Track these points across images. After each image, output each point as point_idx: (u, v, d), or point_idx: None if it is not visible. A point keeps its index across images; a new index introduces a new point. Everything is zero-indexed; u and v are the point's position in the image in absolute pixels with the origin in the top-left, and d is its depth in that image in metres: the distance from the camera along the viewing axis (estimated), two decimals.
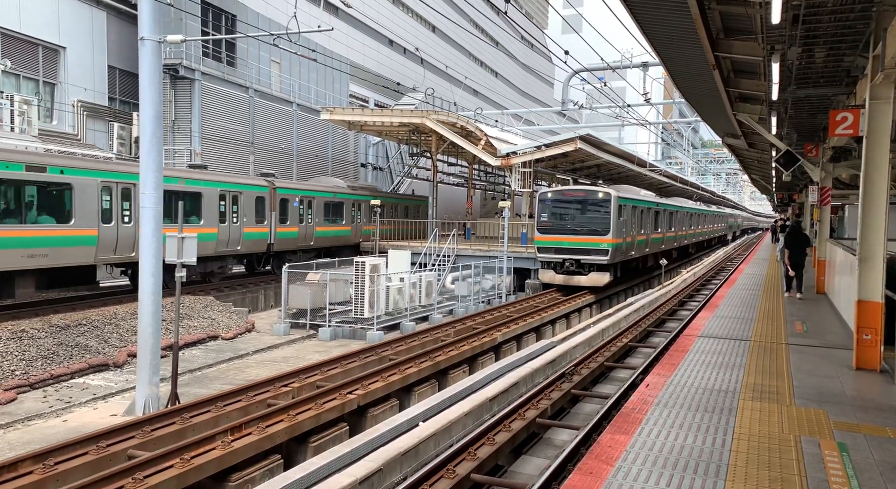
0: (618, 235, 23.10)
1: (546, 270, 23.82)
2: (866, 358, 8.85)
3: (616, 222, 22.83)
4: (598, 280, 22.86)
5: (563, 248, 23.16)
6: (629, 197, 24.96)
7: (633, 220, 25.14)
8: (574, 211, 23.46)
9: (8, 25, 21.97)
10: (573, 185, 27.89)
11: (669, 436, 6.16)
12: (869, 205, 8.64)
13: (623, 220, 23.65)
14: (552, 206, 23.70)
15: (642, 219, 26.80)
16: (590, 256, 22.83)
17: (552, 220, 23.61)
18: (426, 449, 7.68)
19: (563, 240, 23.15)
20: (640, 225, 26.58)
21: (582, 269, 23.09)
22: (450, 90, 48.79)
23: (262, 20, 31.36)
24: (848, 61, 10.03)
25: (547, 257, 23.69)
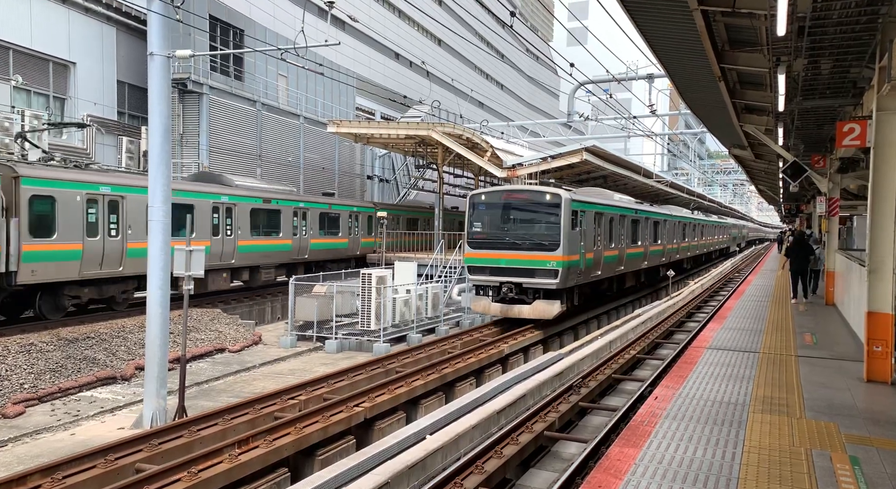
0: (572, 250, 17.35)
1: (479, 298, 18.13)
2: (877, 370, 8.78)
3: (569, 233, 17.15)
4: (545, 311, 17.11)
5: (500, 268, 17.42)
6: (590, 201, 19.43)
7: (598, 231, 19.78)
8: (514, 218, 17.88)
9: (20, 42, 22.27)
10: (513, 185, 21.43)
11: (679, 449, 6.11)
12: (877, 215, 8.60)
13: (581, 230, 18.09)
14: (486, 212, 18.13)
15: (613, 229, 21.39)
16: (534, 279, 17.04)
17: (486, 229, 18.03)
18: (433, 462, 7.64)
19: (500, 256, 17.42)
20: (610, 237, 21.11)
21: (525, 296, 17.41)
22: (456, 102, 49.02)
23: (270, 35, 31.67)
24: (854, 72, 10.03)
25: (480, 279, 17.91)
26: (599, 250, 19.99)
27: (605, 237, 20.60)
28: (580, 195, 19.32)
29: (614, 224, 21.63)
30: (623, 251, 22.67)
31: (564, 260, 16.99)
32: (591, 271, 19.36)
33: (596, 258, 19.66)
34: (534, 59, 74.75)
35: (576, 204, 17.92)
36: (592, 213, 19.29)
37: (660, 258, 28.78)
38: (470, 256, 18.04)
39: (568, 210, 17.27)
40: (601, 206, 20.38)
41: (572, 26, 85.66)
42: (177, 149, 27.05)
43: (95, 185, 16.04)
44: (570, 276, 17.40)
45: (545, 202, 17.45)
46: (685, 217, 35.31)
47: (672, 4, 7.86)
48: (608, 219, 20.90)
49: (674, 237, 31.63)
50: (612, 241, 21.41)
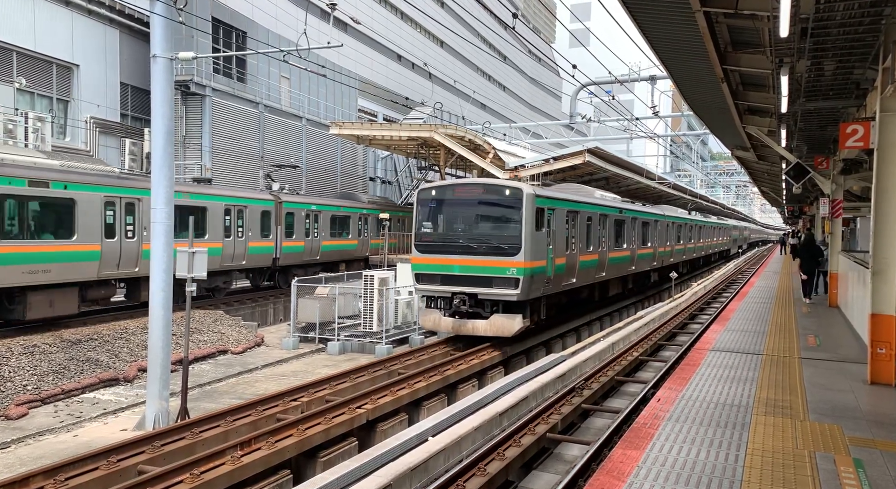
0: (536, 255, 14.83)
1: (429, 311, 15.67)
2: (881, 372, 8.75)
3: (532, 235, 14.65)
4: (504, 326, 14.64)
5: (452, 277, 14.98)
6: (561, 197, 16.90)
7: (572, 233, 17.40)
8: (468, 217, 15.38)
9: (23, 44, 22.33)
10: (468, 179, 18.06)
11: (682, 451, 6.09)
12: (881, 217, 8.58)
13: (549, 231, 15.67)
14: (437, 210, 15.68)
15: (591, 230, 19.02)
16: (491, 289, 14.61)
17: (436, 231, 15.62)
18: (436, 464, 7.63)
19: (452, 262, 14.96)
20: (588, 239, 18.71)
21: (481, 309, 14.97)
22: (458, 104, 49.06)
23: (272, 37, 31.72)
24: (857, 74, 10.01)
25: (429, 290, 15.44)
26: (574, 254, 17.50)
27: (581, 239, 18.03)
28: (549, 190, 16.75)
29: (593, 224, 19.19)
30: (604, 255, 20.20)
31: (527, 266, 14.44)
32: (563, 279, 16.81)
33: (569, 264, 17.10)
34: (536, 61, 74.77)
35: (542, 200, 15.28)
36: (564, 211, 16.80)
37: (650, 262, 26.36)
38: (418, 262, 15.51)
39: (531, 207, 14.65)
40: (576, 203, 17.80)
41: (574, 28, 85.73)
42: (179, 151, 27.10)
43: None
44: (534, 286, 14.90)
45: (503, 198, 14.85)
46: (680, 217, 33.07)
47: (674, 6, 7.86)
48: (585, 218, 18.46)
49: (667, 239, 29.25)
50: (591, 243, 18.93)
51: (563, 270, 16.77)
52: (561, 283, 16.74)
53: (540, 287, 15.37)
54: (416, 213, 15.80)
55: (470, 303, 15.01)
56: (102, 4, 24.88)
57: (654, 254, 26.67)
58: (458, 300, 15.01)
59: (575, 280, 17.72)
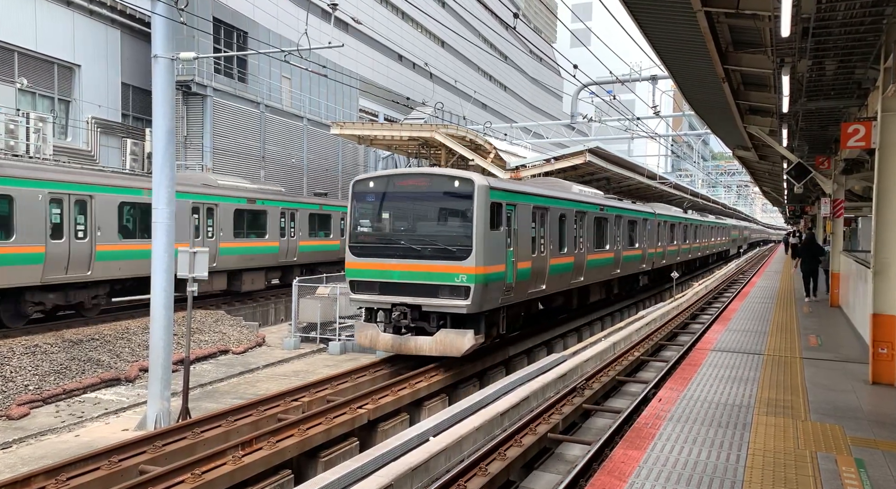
0: (492, 258, 12.70)
1: (366, 325, 13.35)
2: (882, 372, 8.74)
3: (486, 235, 12.48)
4: (452, 345, 12.39)
5: (392, 285, 12.82)
6: (524, 191, 14.52)
7: (540, 232, 15.28)
8: (411, 214, 13.28)
9: (24, 44, 22.36)
10: (411, 169, 15.74)
11: (683, 451, 6.09)
12: (882, 217, 8.57)
13: (510, 230, 13.50)
14: (374, 206, 13.53)
15: (565, 230, 16.70)
16: (436, 299, 12.45)
17: (374, 230, 13.51)
18: (436, 464, 7.63)
19: (392, 267, 12.81)
20: (561, 240, 16.47)
21: (426, 323, 12.75)
22: (459, 104, 49.06)
23: (273, 37, 31.74)
24: (859, 73, 10.01)
25: (366, 300, 13.21)
26: (543, 258, 15.26)
27: (552, 240, 15.78)
28: (509, 183, 14.55)
29: (567, 223, 16.85)
30: (582, 258, 17.89)
31: (479, 272, 12.21)
32: (530, 286, 14.59)
33: (537, 268, 14.88)
34: (537, 61, 74.76)
35: (499, 194, 13.10)
36: (529, 207, 14.48)
37: (638, 265, 24.18)
38: (353, 267, 13.22)
39: (485, 202, 12.48)
40: (544, 198, 15.43)
41: (575, 28, 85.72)
42: (181, 151, 27.13)
43: None
44: (489, 295, 12.64)
45: (452, 191, 12.72)
46: (674, 216, 30.80)
47: (675, 5, 7.85)
48: (557, 216, 16.15)
49: (658, 240, 27.12)
50: (564, 244, 16.64)
51: (529, 276, 14.36)
52: (526, 291, 14.37)
53: (497, 296, 13.01)
54: (351, 209, 13.61)
55: (413, 317, 12.62)
56: (104, 5, 24.90)
57: (642, 255, 24.45)
58: (398, 312, 12.59)
59: (545, 286, 15.39)
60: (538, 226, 15.30)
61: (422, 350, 12.69)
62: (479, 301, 12.37)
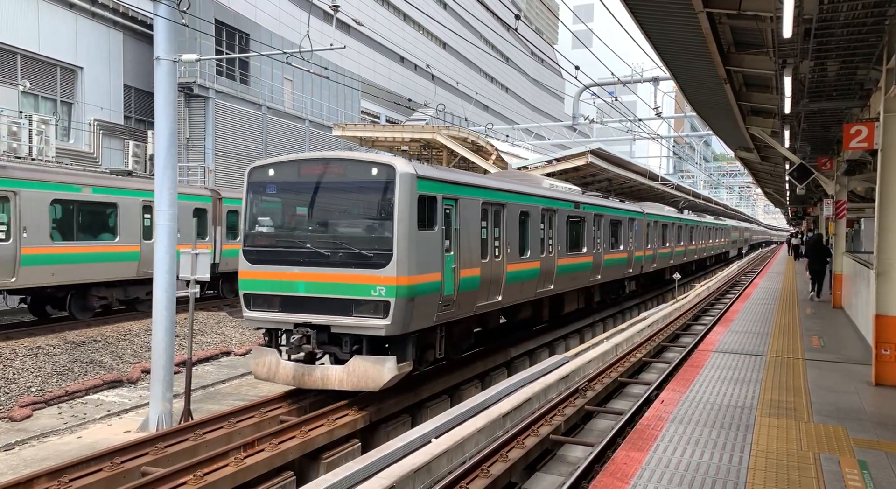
0: (422, 265, 10.15)
1: (264, 351, 10.55)
2: (886, 373, 8.72)
3: (412, 236, 9.96)
4: (368, 375, 9.78)
5: (295, 300, 10.22)
6: (468, 183, 11.87)
7: (494, 233, 12.77)
8: (318, 209, 10.66)
9: (27, 47, 22.42)
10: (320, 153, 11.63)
11: (685, 453, 6.08)
12: (885, 218, 8.56)
13: (447, 230, 10.91)
14: (274, 200, 11.07)
15: (528, 230, 14.23)
16: (348, 318, 9.93)
17: (274, 231, 10.98)
18: (439, 466, 7.63)
19: (296, 277, 10.23)
20: (524, 242, 14.02)
21: (337, 348, 10.20)
22: (461, 106, 49.09)
23: (275, 38, 31.80)
24: (861, 74, 10.00)
25: (265, 319, 10.51)
26: (498, 264, 12.73)
27: (511, 242, 13.26)
28: (447, 173, 11.59)
29: (531, 222, 14.34)
30: (551, 263, 15.38)
31: (402, 283, 9.66)
32: (480, 297, 12.02)
33: (489, 276, 12.32)
34: (539, 62, 74.79)
35: (431, 186, 10.42)
36: (478, 203, 11.91)
37: (623, 269, 21.88)
38: (248, 277, 10.51)
39: (410, 195, 9.86)
40: (498, 192, 12.85)
41: (577, 29, 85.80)
42: (183, 152, 27.18)
43: None
44: (418, 311, 10.02)
45: (369, 181, 10.09)
46: (667, 217, 28.42)
47: (677, 7, 7.86)
48: (517, 214, 13.62)
49: (648, 242, 24.87)
50: (528, 247, 14.16)
51: (479, 286, 11.89)
52: (475, 304, 11.90)
53: (431, 312, 10.40)
54: (247, 203, 10.88)
55: (320, 340, 9.99)
56: (106, 7, 24.97)
57: (628, 259, 22.12)
58: (298, 336, 9.90)
59: (501, 298, 12.92)
60: (491, 225, 12.61)
61: (329, 383, 9.90)
62: (402, 319, 9.68)
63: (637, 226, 23.30)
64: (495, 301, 12.83)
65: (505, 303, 13.27)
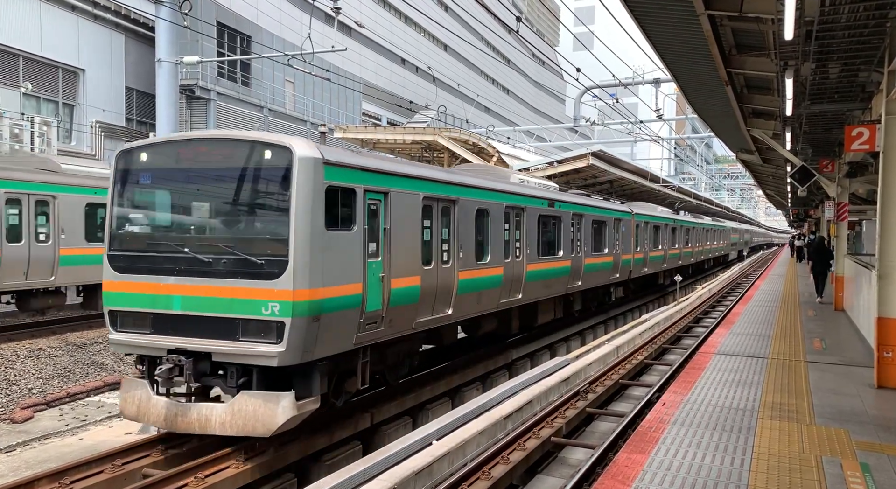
0: (330, 276, 8.06)
1: (135, 383, 8.36)
2: (887, 376, 8.71)
3: (317, 238, 7.89)
4: (257, 417, 7.62)
5: (170, 319, 8.11)
6: (400, 173, 9.76)
7: (438, 234, 10.80)
8: (199, 204, 8.66)
9: (29, 49, 22.47)
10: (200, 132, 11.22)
11: (687, 455, 6.07)
12: (887, 220, 8.55)
13: (367, 230, 8.86)
14: (145, 191, 8.85)
15: (490, 232, 12.36)
16: (234, 344, 7.76)
17: (145, 231, 8.87)
18: (440, 468, 7.62)
19: (170, 290, 8.11)
20: (479, 245, 12.00)
21: (223, 381, 8.08)
22: (462, 107, 49.14)
23: (277, 41, 31.85)
24: (863, 76, 10.00)
25: (130, 342, 8.32)
26: (447, 270, 10.78)
27: (462, 245, 11.22)
28: (373, 160, 9.38)
29: (491, 222, 12.39)
30: (518, 269, 13.54)
31: (303, 298, 7.64)
32: (420, 311, 10.05)
33: (434, 286, 10.36)
34: (540, 64, 74.85)
35: (346, 174, 8.43)
36: (417, 198, 9.90)
37: (609, 274, 20.12)
38: (112, 289, 8.47)
39: (313, 186, 7.85)
40: (445, 185, 10.80)
41: (578, 31, 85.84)
42: None
43: None
44: (328, 332, 8.00)
45: (260, 168, 8.12)
46: (660, 217, 26.53)
47: (678, 9, 7.87)
48: (472, 212, 11.61)
49: (638, 244, 23.09)
50: (487, 251, 12.23)
51: (419, 298, 9.90)
52: (414, 320, 9.91)
53: (348, 333, 8.38)
54: (112, 195, 8.70)
55: (201, 370, 7.95)
56: (108, 10, 25.03)
57: (614, 263, 20.33)
58: (169, 366, 7.80)
59: (452, 311, 10.99)
60: (438, 225, 10.65)
61: (210, 426, 7.79)
62: (302, 344, 7.61)
63: (625, 227, 21.54)
64: (444, 315, 10.85)
65: (457, 316, 11.38)
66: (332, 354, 8.34)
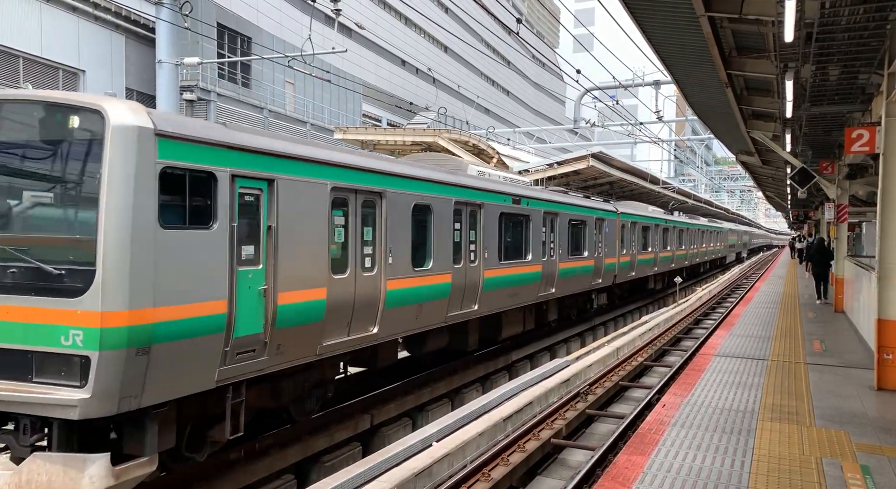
0: (171, 291, 5.90)
1: None
2: (888, 378, 8.70)
3: (143, 238, 5.69)
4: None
5: None
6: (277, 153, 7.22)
7: (354, 234, 8.64)
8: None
9: (29, 50, 22.48)
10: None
11: (687, 457, 6.07)
12: (887, 222, 8.56)
13: (232, 230, 6.57)
14: None
15: (427, 233, 10.39)
16: (23, 386, 5.59)
17: None
18: (440, 469, 7.61)
19: None
20: (415, 248, 9.98)
21: (13, 438, 5.91)
22: (462, 109, 49.16)
23: (277, 42, 31.88)
24: (863, 78, 10.01)
25: None
26: (367, 281, 8.83)
27: (391, 248, 9.26)
28: (246, 135, 7.14)
29: (436, 221, 10.40)
30: (472, 276, 11.57)
31: (117, 322, 5.54)
32: (329, 333, 8.15)
33: (347, 300, 8.41)
34: (540, 66, 74.91)
35: (193, 152, 6.28)
36: (321, 189, 7.94)
37: (590, 280, 18.14)
38: None
39: (136, 165, 5.74)
40: (362, 174, 8.71)
41: (578, 33, 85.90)
42: None
43: None
44: (169, 369, 5.98)
45: (62, 140, 5.96)
46: (650, 218, 24.69)
47: (679, 11, 7.88)
48: (404, 208, 9.55)
49: (624, 246, 21.27)
50: (429, 255, 10.29)
51: (324, 314, 7.92)
52: (318, 343, 7.94)
53: (206, 366, 6.39)
54: None
55: None
56: (109, 10, 25.04)
57: (595, 268, 18.30)
58: None
59: (378, 329, 9.03)
60: (356, 223, 8.53)
61: None
62: (120, 387, 5.61)
63: (609, 227, 19.61)
64: (367, 334, 8.82)
65: (386, 335, 9.30)
66: (179, 398, 6.21)
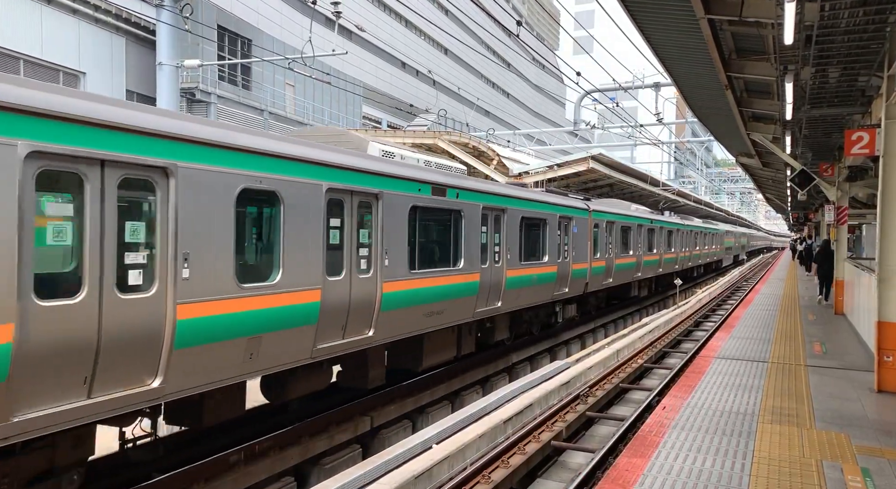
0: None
1: None
2: (888, 380, 8.70)
3: None
4: None
5: None
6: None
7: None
8: None
9: (30, 52, 22.50)
10: None
11: (687, 459, 6.06)
12: (887, 224, 8.56)
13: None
14: None
15: (284, 232, 7.20)
16: None
17: None
18: (440, 472, 7.61)
19: None
20: (265, 256, 7.30)
21: None
22: (462, 111, 49.22)
23: (277, 44, 31.90)
24: (862, 81, 10.02)
25: None
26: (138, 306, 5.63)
27: (185, 258, 5.98)
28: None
29: (290, 219, 7.36)
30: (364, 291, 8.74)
31: None
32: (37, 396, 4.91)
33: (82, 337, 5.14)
34: (540, 68, 74.97)
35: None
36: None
37: (552, 290, 15.28)
38: None
39: None
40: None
41: (578, 35, 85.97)
42: None
43: None
44: None
45: None
46: (631, 217, 22.04)
47: (678, 13, 7.89)
48: (217, 196, 6.35)
49: (598, 250, 18.50)
50: (276, 268, 7.27)
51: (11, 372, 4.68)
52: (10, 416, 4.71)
53: None
54: None
55: None
56: (109, 13, 25.06)
57: (559, 275, 15.46)
58: None
59: (159, 381, 5.86)
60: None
61: None
62: None
63: (577, 227, 16.77)
64: (149, 388, 5.81)
65: (176, 388, 6.12)
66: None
